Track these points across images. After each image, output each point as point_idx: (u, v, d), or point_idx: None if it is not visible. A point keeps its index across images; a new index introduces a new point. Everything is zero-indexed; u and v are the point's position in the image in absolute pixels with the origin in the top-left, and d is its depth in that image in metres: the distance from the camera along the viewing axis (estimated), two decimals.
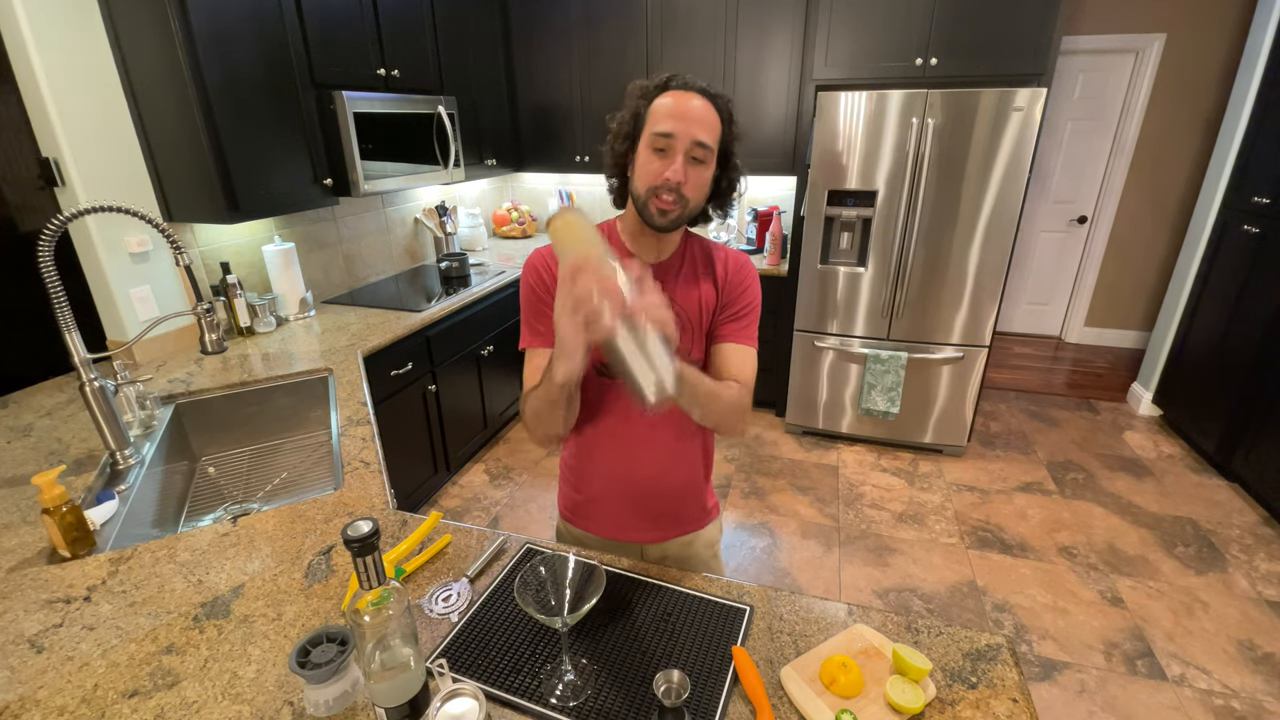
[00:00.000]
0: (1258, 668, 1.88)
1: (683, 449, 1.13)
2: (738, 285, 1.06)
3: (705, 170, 0.96)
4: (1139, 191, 4.09)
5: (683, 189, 0.94)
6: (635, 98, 0.98)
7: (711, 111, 0.94)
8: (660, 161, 0.94)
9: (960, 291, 2.78)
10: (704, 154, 0.94)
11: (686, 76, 0.96)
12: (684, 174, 0.93)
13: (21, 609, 0.94)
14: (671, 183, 0.93)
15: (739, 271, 1.06)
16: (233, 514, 1.50)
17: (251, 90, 1.93)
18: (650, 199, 0.96)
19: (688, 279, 1.05)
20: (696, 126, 0.92)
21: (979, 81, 2.62)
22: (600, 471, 1.14)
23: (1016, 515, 2.61)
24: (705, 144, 0.93)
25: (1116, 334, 4.47)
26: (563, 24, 3.27)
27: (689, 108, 0.93)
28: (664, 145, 0.93)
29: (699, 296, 1.04)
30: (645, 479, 1.12)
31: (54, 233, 1.18)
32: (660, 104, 0.94)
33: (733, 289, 1.05)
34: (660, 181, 0.94)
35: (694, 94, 0.94)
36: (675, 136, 0.92)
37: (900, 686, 0.76)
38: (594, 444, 1.12)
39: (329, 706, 0.76)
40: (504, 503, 2.74)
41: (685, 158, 0.93)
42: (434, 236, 3.30)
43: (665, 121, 0.93)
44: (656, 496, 1.14)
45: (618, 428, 1.09)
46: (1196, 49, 3.71)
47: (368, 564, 0.66)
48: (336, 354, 2.00)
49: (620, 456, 1.11)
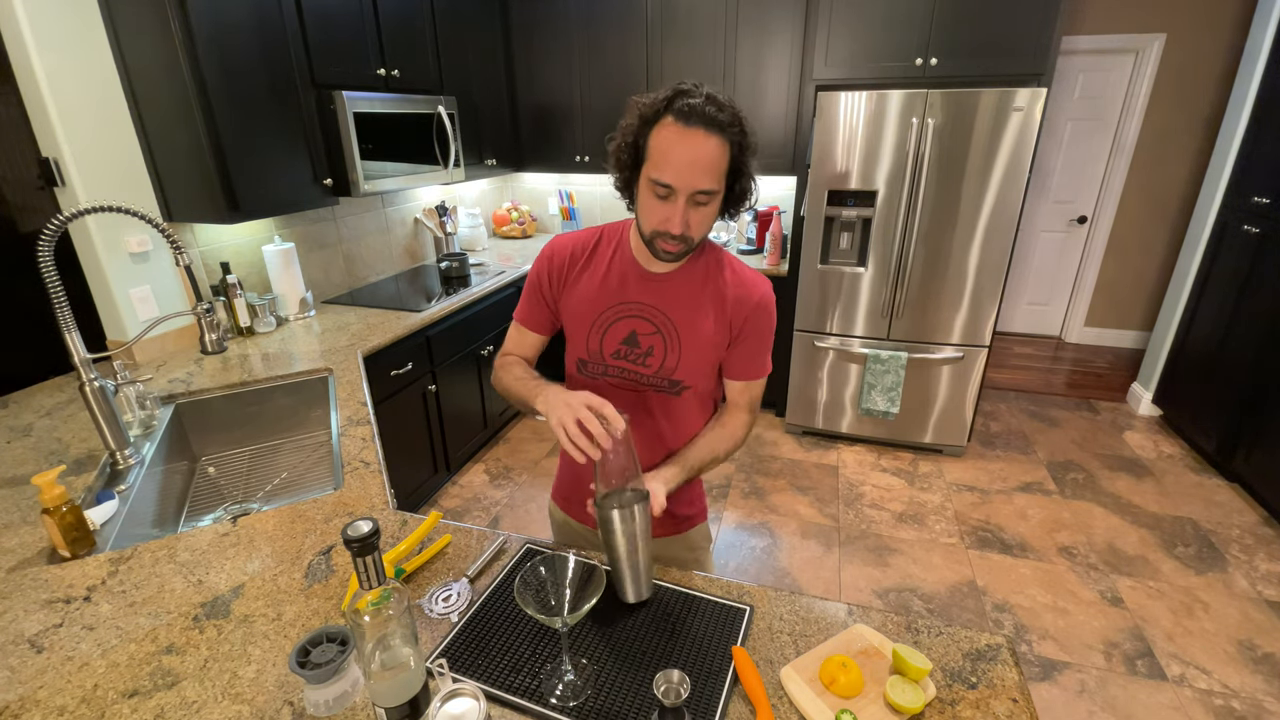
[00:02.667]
0: (1258, 668, 1.88)
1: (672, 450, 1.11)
2: (746, 317, 1.03)
3: (710, 207, 0.92)
4: (1139, 191, 4.09)
5: (687, 233, 0.91)
6: (635, 118, 0.91)
7: (715, 147, 0.87)
8: (661, 206, 0.90)
9: (960, 291, 2.78)
10: (708, 196, 0.90)
11: (690, 98, 0.86)
12: (685, 223, 0.90)
13: (21, 609, 0.94)
14: (674, 233, 0.91)
15: (749, 302, 1.02)
16: (233, 514, 1.50)
17: (251, 90, 1.93)
18: (654, 239, 0.94)
19: (691, 295, 1.03)
20: (696, 175, 0.87)
21: (979, 81, 2.62)
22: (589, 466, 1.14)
23: (1016, 515, 2.61)
24: (708, 190, 0.88)
25: (1116, 334, 4.47)
26: (563, 24, 3.27)
27: (687, 155, 0.86)
28: (664, 193, 0.89)
29: (696, 316, 1.02)
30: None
31: (54, 233, 1.18)
32: (659, 142, 0.88)
33: (742, 321, 1.03)
34: (663, 229, 0.91)
35: (697, 131, 0.85)
36: (673, 189, 0.88)
37: (900, 686, 0.76)
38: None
39: (329, 706, 0.76)
40: (504, 503, 2.74)
41: (687, 203, 0.89)
42: (434, 236, 3.30)
43: (664, 170, 0.87)
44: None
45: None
46: (1196, 49, 3.71)
47: (368, 564, 0.66)
48: (336, 354, 2.00)
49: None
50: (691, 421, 1.11)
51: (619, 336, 1.04)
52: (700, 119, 0.85)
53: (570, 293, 1.07)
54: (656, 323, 1.03)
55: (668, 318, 1.02)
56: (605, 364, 1.07)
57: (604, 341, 1.05)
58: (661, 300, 1.02)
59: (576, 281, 1.07)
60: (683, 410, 1.08)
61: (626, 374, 1.06)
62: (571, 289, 1.07)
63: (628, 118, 0.93)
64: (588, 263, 1.07)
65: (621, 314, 1.04)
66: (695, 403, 1.09)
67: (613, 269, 1.05)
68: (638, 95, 0.92)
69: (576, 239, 1.08)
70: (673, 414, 1.08)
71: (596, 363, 1.07)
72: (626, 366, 1.06)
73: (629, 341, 1.04)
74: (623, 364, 1.06)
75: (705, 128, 0.86)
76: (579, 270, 1.07)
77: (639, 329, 1.03)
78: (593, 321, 1.05)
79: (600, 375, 1.08)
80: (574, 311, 1.07)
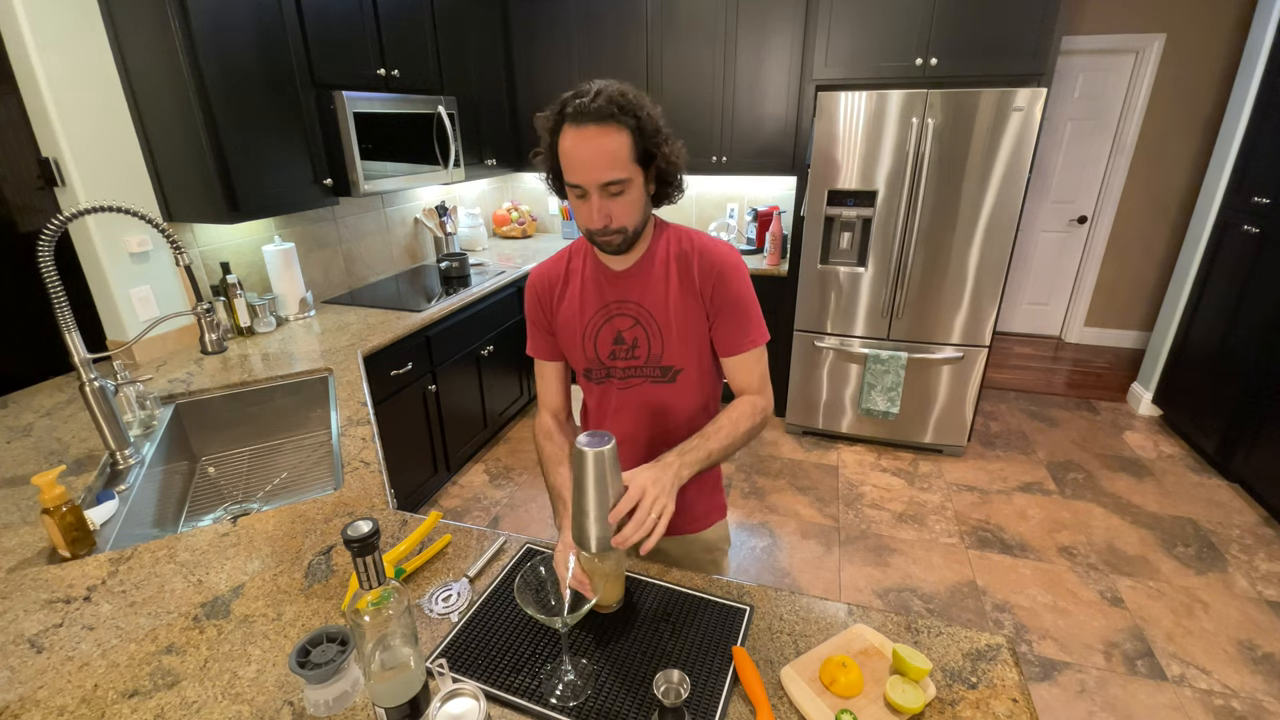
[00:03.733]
0: (1258, 668, 1.88)
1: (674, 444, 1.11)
2: (714, 285, 1.03)
3: (628, 195, 0.94)
4: (1139, 191, 4.09)
5: (612, 225, 0.95)
6: (545, 134, 0.95)
7: (611, 138, 0.89)
8: (583, 206, 0.95)
9: (960, 291, 2.78)
10: (619, 186, 0.92)
11: (578, 99, 0.89)
12: (607, 215, 0.94)
13: (21, 609, 0.94)
14: (597, 229, 0.95)
15: (712, 270, 1.03)
16: (233, 514, 1.50)
17: (251, 90, 1.93)
18: (592, 239, 1.00)
19: (656, 279, 1.05)
20: (598, 169, 0.90)
21: (979, 81, 2.62)
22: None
23: (1016, 515, 2.61)
24: (615, 179, 0.91)
25: (1116, 334, 4.47)
26: (563, 24, 3.27)
27: (585, 153, 0.90)
28: (579, 193, 0.94)
29: (668, 297, 1.04)
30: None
31: (54, 233, 1.18)
32: (564, 149, 0.92)
33: (710, 290, 1.03)
34: (589, 226, 0.96)
35: (588, 128, 0.88)
36: (583, 188, 0.92)
37: (900, 686, 0.76)
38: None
39: (329, 706, 0.76)
40: (504, 503, 2.74)
41: (601, 197, 0.92)
42: (434, 236, 3.30)
43: (570, 172, 0.92)
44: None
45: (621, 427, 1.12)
46: (1196, 49, 3.71)
47: (368, 564, 0.66)
48: (336, 354, 2.00)
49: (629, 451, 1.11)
50: (694, 407, 1.12)
51: (608, 339, 1.08)
52: (589, 115, 0.88)
53: (558, 313, 1.11)
54: (634, 315, 1.06)
55: (641, 307, 1.05)
56: (605, 366, 1.10)
57: (597, 346, 1.09)
58: (631, 293, 1.06)
59: (561, 301, 1.11)
60: (682, 397, 1.10)
61: (625, 371, 1.09)
62: (558, 310, 1.11)
63: (540, 134, 0.97)
64: (565, 281, 1.11)
65: (605, 316, 1.08)
66: (694, 386, 1.10)
67: (586, 280, 1.09)
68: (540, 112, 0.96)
69: (549, 266, 1.13)
70: (674, 403, 1.10)
71: (598, 368, 1.11)
72: (623, 364, 1.09)
73: (617, 341, 1.08)
74: (619, 363, 1.09)
75: (596, 122, 0.89)
76: (560, 291, 1.11)
77: (621, 326, 1.07)
78: (583, 331, 1.09)
79: (605, 379, 1.11)
80: (565, 329, 1.11)
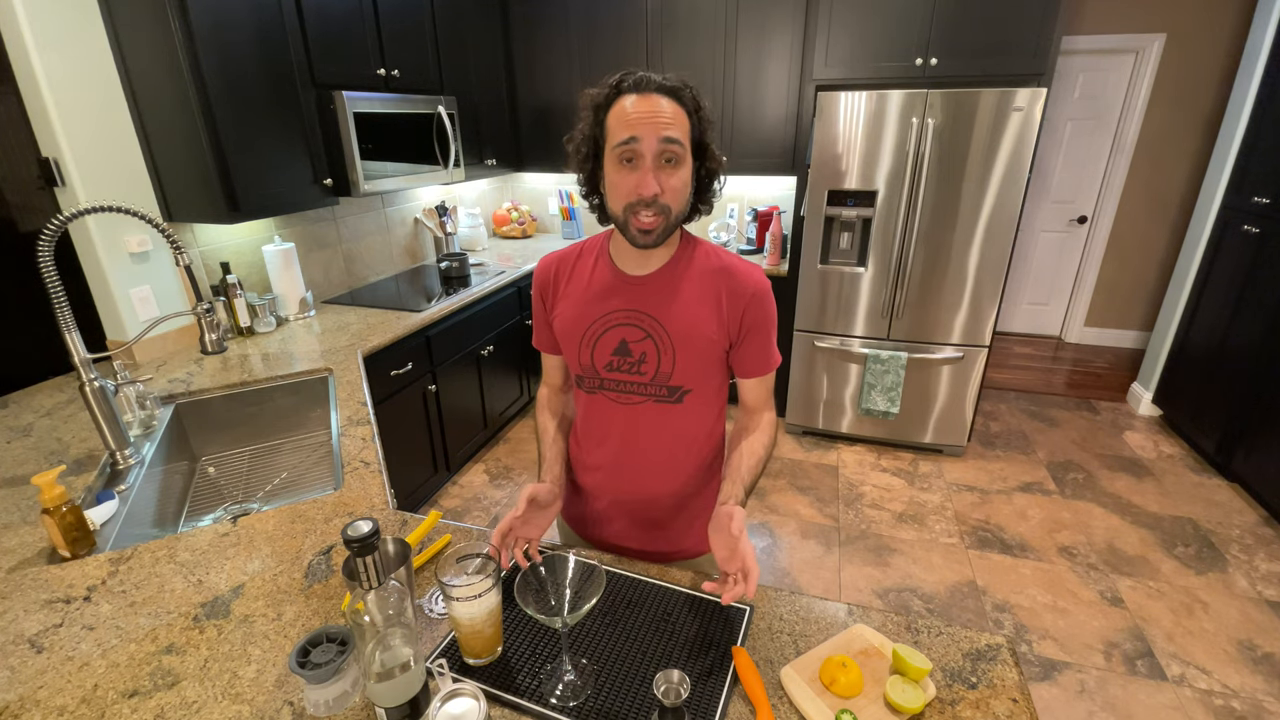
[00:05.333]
0: (1258, 668, 1.88)
1: (692, 467, 1.08)
2: (745, 308, 0.97)
3: (681, 170, 0.87)
4: (1139, 191, 4.09)
5: (661, 199, 0.86)
6: (589, 109, 0.89)
7: (674, 105, 0.85)
8: (631, 175, 0.86)
9: (960, 291, 2.78)
10: (676, 151, 0.85)
11: (637, 74, 0.86)
12: (659, 183, 0.85)
13: (21, 609, 0.94)
14: (646, 196, 0.85)
15: (744, 293, 0.96)
16: (233, 514, 1.50)
17: (251, 90, 1.93)
18: (629, 218, 0.88)
19: (678, 294, 0.97)
20: (662, 124, 0.83)
21: (979, 81, 2.62)
22: (604, 486, 1.11)
23: (1016, 515, 2.61)
24: (675, 139, 0.84)
25: (1116, 334, 4.47)
26: (563, 24, 3.27)
27: (649, 108, 0.84)
28: (630, 154, 0.85)
29: (688, 315, 0.96)
30: (649, 498, 1.08)
31: (54, 233, 1.18)
32: (617, 111, 0.86)
33: (741, 313, 0.97)
34: (635, 197, 0.86)
35: (651, 94, 0.85)
36: (640, 140, 0.84)
37: (900, 686, 0.76)
38: (598, 462, 1.09)
39: (329, 706, 0.76)
40: (504, 503, 2.74)
41: (656, 162, 0.85)
42: (434, 236, 3.30)
43: (626, 128, 0.84)
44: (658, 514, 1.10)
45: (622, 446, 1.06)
46: (1196, 49, 3.71)
47: (368, 564, 0.66)
48: (336, 354, 2.00)
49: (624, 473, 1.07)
50: (698, 431, 1.05)
51: (609, 347, 0.99)
52: (652, 86, 0.85)
53: (558, 309, 1.04)
54: (645, 327, 0.97)
55: (656, 320, 0.96)
56: (600, 378, 1.01)
57: (595, 355, 1.00)
58: (647, 303, 0.97)
59: (563, 297, 1.03)
60: (687, 420, 1.03)
61: (622, 385, 1.01)
62: (558, 305, 1.04)
63: (582, 112, 0.91)
64: (571, 276, 1.03)
65: (609, 324, 0.98)
66: (700, 409, 1.03)
67: (595, 279, 1.00)
68: (586, 89, 0.90)
69: (560, 255, 1.06)
70: (677, 425, 1.03)
71: (591, 378, 1.02)
72: (621, 378, 1.00)
73: (620, 351, 0.99)
74: (617, 375, 1.00)
75: (658, 92, 0.85)
76: (564, 285, 1.04)
77: (628, 336, 0.98)
78: (581, 336, 1.01)
79: (596, 390, 1.03)
80: (563, 328, 1.03)
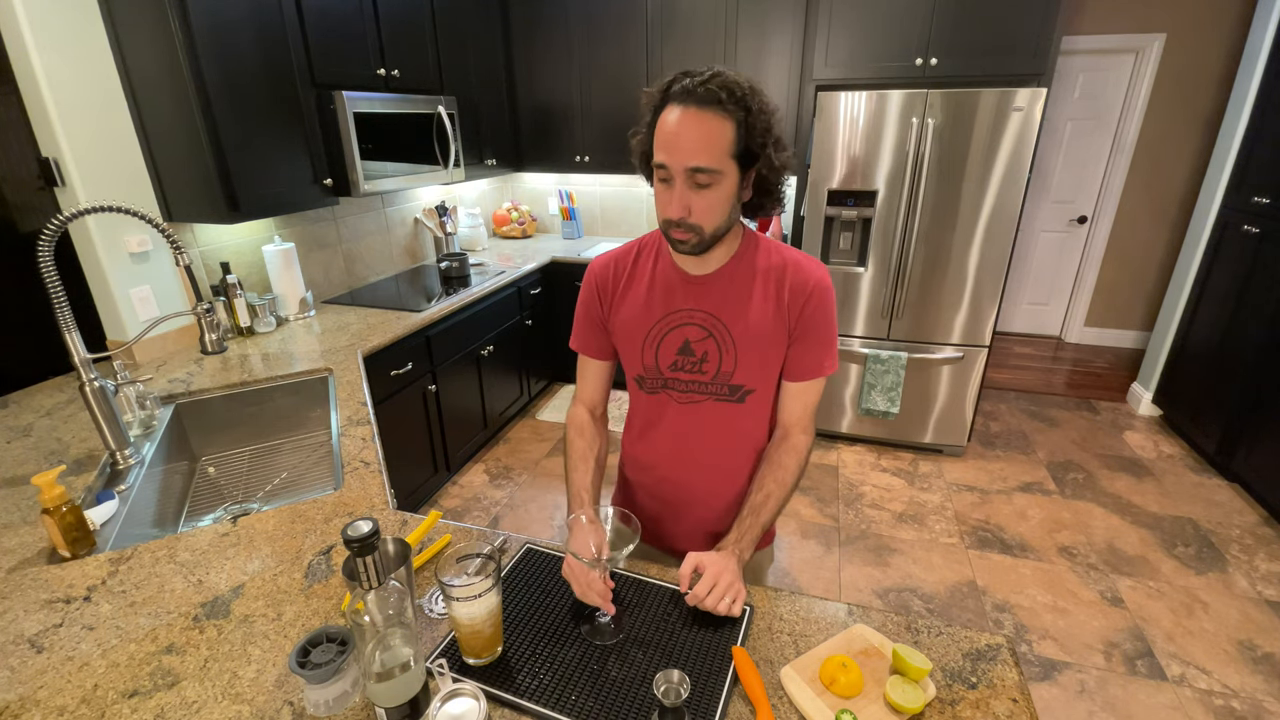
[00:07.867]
0: (1258, 668, 1.88)
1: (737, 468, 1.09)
2: (804, 304, 0.96)
3: (715, 191, 0.87)
4: (1139, 191, 4.09)
5: (689, 219, 0.88)
6: (647, 110, 0.90)
7: (713, 124, 0.84)
8: (666, 192, 0.88)
9: (960, 291, 2.78)
10: (707, 178, 0.85)
11: (688, 79, 0.85)
12: (686, 206, 0.87)
13: (21, 609, 0.94)
14: (673, 219, 0.88)
15: (805, 287, 0.96)
16: (233, 514, 1.50)
17: (251, 90, 1.93)
18: (668, 230, 0.92)
19: (739, 292, 0.98)
20: (689, 153, 0.84)
21: (979, 81, 2.63)
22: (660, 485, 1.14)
23: (1016, 515, 2.61)
24: (703, 168, 0.84)
25: (1116, 334, 4.47)
26: (563, 24, 3.27)
27: (679, 133, 0.84)
28: (664, 175, 0.88)
29: (750, 312, 0.97)
30: (702, 497, 1.11)
31: (54, 233, 1.18)
32: (660, 125, 0.87)
33: (800, 309, 0.97)
34: (665, 216, 0.89)
35: (691, 109, 0.84)
36: (668, 166, 0.86)
37: (900, 686, 0.76)
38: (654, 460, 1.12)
39: (329, 706, 0.76)
40: (504, 503, 2.74)
41: (686, 185, 0.86)
42: (434, 236, 3.30)
43: (660, 150, 0.86)
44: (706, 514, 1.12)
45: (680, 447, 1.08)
46: (1196, 49, 3.71)
47: (368, 564, 0.66)
48: (336, 354, 2.00)
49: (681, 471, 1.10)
50: (758, 434, 1.06)
51: (674, 347, 1.01)
52: (694, 97, 0.83)
53: (618, 311, 1.05)
54: (707, 326, 0.99)
55: (718, 320, 0.98)
56: (663, 377, 1.03)
57: (659, 355, 1.02)
58: (709, 302, 0.98)
59: (623, 299, 1.04)
60: (748, 421, 1.04)
61: (686, 385, 1.03)
62: (618, 307, 1.05)
63: (643, 112, 0.92)
64: (630, 278, 1.04)
65: (672, 324, 1.00)
66: (761, 411, 1.04)
67: (656, 280, 1.02)
68: (648, 86, 0.90)
69: (615, 256, 1.07)
70: (739, 426, 1.04)
71: (654, 378, 1.04)
72: (684, 378, 1.02)
73: (684, 351, 1.00)
74: (680, 375, 1.02)
75: (699, 105, 0.83)
76: (623, 288, 1.04)
77: (691, 336, 1.00)
78: (644, 337, 1.02)
79: (660, 389, 1.05)
80: (624, 330, 1.05)
